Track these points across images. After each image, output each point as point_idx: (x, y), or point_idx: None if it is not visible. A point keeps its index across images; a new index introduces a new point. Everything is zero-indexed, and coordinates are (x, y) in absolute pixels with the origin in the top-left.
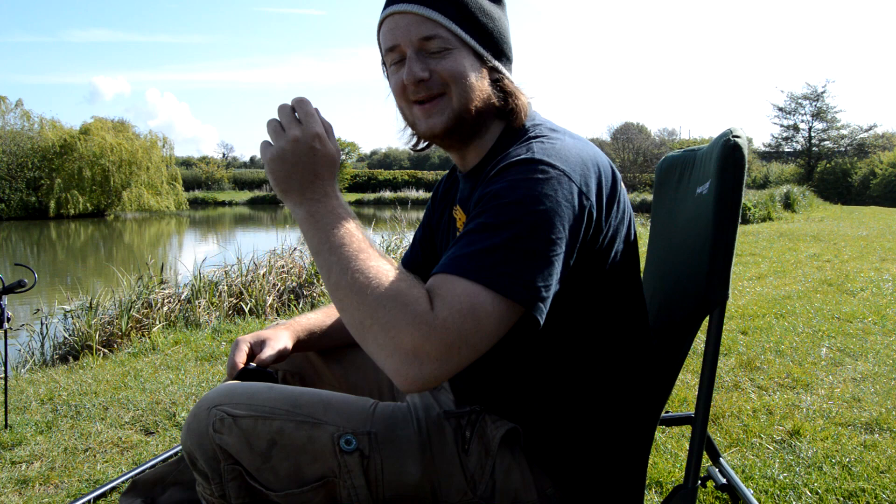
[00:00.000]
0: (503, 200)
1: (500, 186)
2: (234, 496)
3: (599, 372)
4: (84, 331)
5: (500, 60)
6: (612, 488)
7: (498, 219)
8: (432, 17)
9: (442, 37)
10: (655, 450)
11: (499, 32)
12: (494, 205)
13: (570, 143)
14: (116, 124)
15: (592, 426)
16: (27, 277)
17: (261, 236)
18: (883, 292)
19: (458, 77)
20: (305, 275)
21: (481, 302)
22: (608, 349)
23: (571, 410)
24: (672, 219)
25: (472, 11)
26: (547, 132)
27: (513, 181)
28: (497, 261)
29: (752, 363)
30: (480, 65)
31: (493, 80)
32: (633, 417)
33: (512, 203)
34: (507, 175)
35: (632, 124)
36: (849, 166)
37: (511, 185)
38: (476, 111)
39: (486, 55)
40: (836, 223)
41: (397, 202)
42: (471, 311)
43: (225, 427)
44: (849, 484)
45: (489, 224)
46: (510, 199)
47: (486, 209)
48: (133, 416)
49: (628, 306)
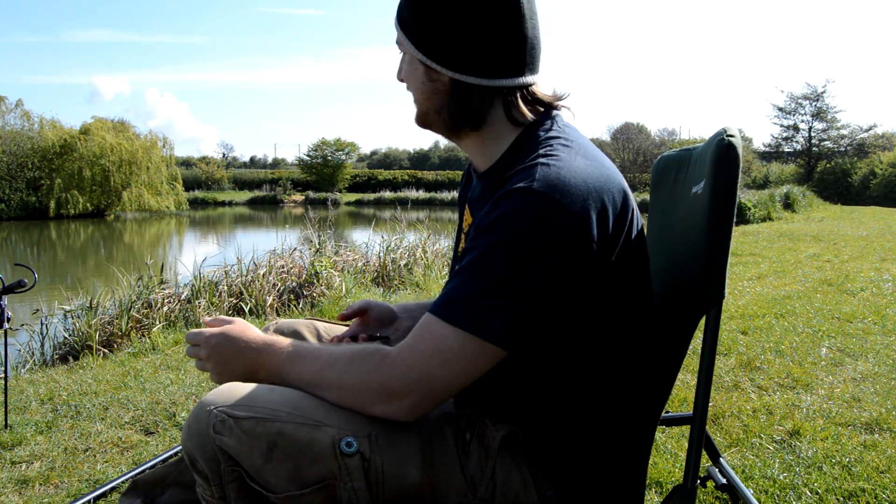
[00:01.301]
0: (492, 239)
1: (495, 219)
2: (233, 498)
3: (599, 373)
4: (84, 331)
5: (450, 67)
6: (613, 489)
7: (484, 259)
8: (395, 25)
9: (400, 42)
10: (655, 450)
11: (450, 39)
12: (483, 243)
13: (580, 166)
14: (116, 124)
15: (592, 428)
16: (27, 277)
17: (261, 236)
18: (883, 292)
19: (407, 80)
20: (305, 275)
21: (448, 342)
22: (608, 350)
23: (571, 412)
24: (668, 218)
25: (415, 20)
26: (559, 150)
27: (508, 215)
28: (476, 303)
29: (752, 363)
30: (426, 69)
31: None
32: (632, 418)
33: (500, 242)
34: (504, 206)
35: (632, 124)
36: (849, 166)
37: (505, 221)
38: (434, 111)
39: (425, 61)
40: (836, 223)
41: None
42: (435, 351)
43: (225, 428)
44: (849, 484)
45: (475, 264)
46: (500, 237)
47: (476, 246)
48: (133, 416)
49: (631, 307)
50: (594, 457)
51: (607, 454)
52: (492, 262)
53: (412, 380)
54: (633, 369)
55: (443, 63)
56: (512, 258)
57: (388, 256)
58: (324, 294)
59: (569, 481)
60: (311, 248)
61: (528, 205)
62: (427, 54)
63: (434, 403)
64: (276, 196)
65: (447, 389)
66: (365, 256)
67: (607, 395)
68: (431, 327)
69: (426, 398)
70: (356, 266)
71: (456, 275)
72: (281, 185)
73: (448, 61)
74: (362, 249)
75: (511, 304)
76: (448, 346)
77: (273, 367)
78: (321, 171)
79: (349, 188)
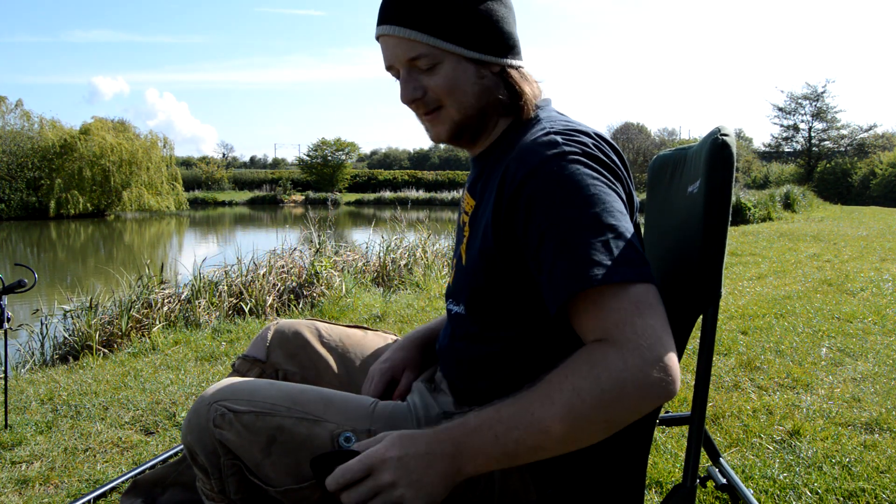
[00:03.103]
0: (566, 204)
1: (550, 195)
2: (233, 491)
3: None
4: (84, 331)
5: (499, 55)
6: (612, 489)
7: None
8: (413, 37)
9: (427, 54)
10: (655, 450)
11: (492, 27)
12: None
13: (584, 127)
14: (116, 124)
15: None
16: (27, 277)
17: (261, 236)
18: (883, 292)
19: (451, 90)
20: (305, 275)
21: (640, 297)
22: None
23: None
24: (664, 218)
25: (453, 18)
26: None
27: (559, 183)
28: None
29: (752, 363)
30: (476, 67)
31: (496, 74)
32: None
33: (577, 202)
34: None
35: (632, 124)
36: (849, 166)
37: (560, 188)
38: (479, 114)
39: (480, 56)
40: (836, 223)
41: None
42: (638, 311)
43: (225, 422)
44: (849, 484)
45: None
46: (572, 200)
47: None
48: (133, 416)
49: None
50: (593, 456)
51: (606, 453)
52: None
53: (646, 345)
54: None
55: (493, 52)
56: (594, 209)
57: (388, 256)
58: (324, 294)
59: (568, 481)
60: (311, 248)
61: (565, 164)
62: (476, 48)
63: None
64: (276, 196)
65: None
66: (365, 256)
67: None
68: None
69: (668, 357)
70: (356, 266)
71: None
72: (281, 185)
73: (497, 48)
74: (362, 249)
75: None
76: (644, 300)
77: (487, 447)
78: (321, 171)
79: (349, 188)
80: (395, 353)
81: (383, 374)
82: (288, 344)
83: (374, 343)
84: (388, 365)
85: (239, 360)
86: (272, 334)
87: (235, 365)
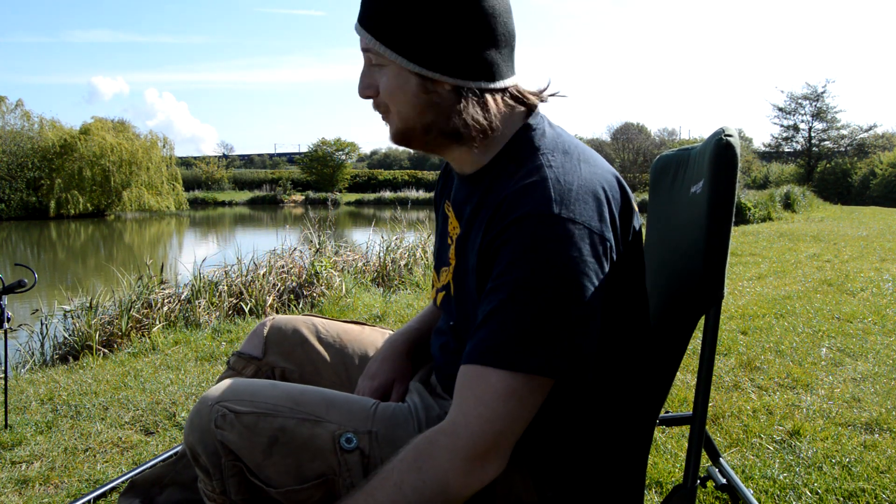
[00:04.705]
0: (524, 273)
1: (518, 253)
2: (234, 492)
3: (598, 373)
4: (84, 331)
5: (452, 74)
6: (612, 489)
7: (523, 298)
8: (361, 34)
9: (374, 51)
10: (655, 450)
11: (446, 44)
12: (515, 278)
13: (585, 173)
14: (116, 124)
15: (591, 427)
16: (27, 277)
17: (261, 236)
18: (883, 292)
19: (391, 96)
20: (305, 275)
21: (518, 387)
22: (607, 350)
23: (569, 412)
24: (667, 218)
25: (399, 27)
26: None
27: (532, 246)
28: (531, 343)
29: (752, 363)
30: (420, 80)
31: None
32: (631, 418)
33: (536, 276)
34: (523, 235)
35: (632, 124)
36: (849, 166)
37: (530, 252)
38: (424, 128)
39: (421, 70)
40: (836, 223)
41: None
42: (501, 399)
43: (227, 423)
44: (849, 484)
45: (515, 302)
46: (531, 270)
47: (507, 284)
48: (133, 416)
49: (629, 308)
50: (593, 457)
51: (606, 454)
52: (527, 296)
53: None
54: (631, 369)
55: (442, 70)
56: (547, 290)
57: (388, 256)
58: (324, 294)
59: (568, 482)
60: (311, 248)
61: (551, 230)
62: (419, 62)
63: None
64: (276, 196)
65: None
66: (365, 256)
67: (605, 394)
68: (476, 378)
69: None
70: (356, 266)
71: (489, 316)
72: (281, 185)
73: (450, 67)
74: (362, 249)
75: (562, 332)
76: (518, 392)
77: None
78: (321, 171)
79: (349, 188)
80: (381, 366)
81: (373, 394)
82: (285, 341)
83: (372, 338)
84: (377, 383)
85: (234, 358)
86: (268, 330)
87: (231, 362)
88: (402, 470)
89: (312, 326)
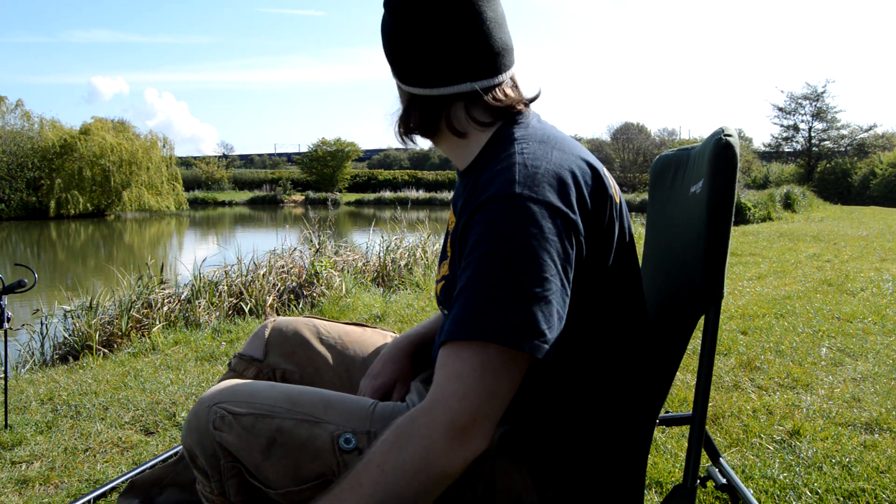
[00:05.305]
0: (488, 249)
1: (482, 232)
2: (233, 493)
3: (597, 372)
4: (84, 331)
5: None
6: (612, 489)
7: (486, 272)
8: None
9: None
10: (655, 450)
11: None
12: (479, 254)
13: (556, 157)
14: (116, 124)
15: (591, 427)
16: (27, 277)
17: (261, 236)
18: (883, 292)
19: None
20: (305, 275)
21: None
22: (606, 349)
23: (569, 412)
24: (666, 218)
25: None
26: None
27: (494, 224)
28: (495, 314)
29: (752, 363)
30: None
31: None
32: (631, 417)
33: (498, 251)
34: (488, 215)
35: (632, 124)
36: (849, 166)
37: (493, 230)
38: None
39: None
40: (836, 223)
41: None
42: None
43: (225, 425)
44: (849, 484)
45: (479, 277)
46: (495, 246)
47: (473, 260)
48: (133, 416)
49: (626, 306)
50: (593, 456)
51: (606, 453)
52: (488, 269)
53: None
54: (631, 368)
55: (399, 78)
56: (508, 264)
57: (388, 256)
58: (324, 294)
59: (568, 481)
60: (311, 248)
61: (513, 209)
62: (392, 71)
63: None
64: (276, 196)
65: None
66: (365, 256)
67: (605, 394)
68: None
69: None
70: (356, 266)
71: (458, 295)
72: (281, 185)
73: (402, 76)
74: (362, 249)
75: (523, 302)
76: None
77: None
78: (321, 171)
79: (349, 188)
80: (384, 366)
81: (374, 393)
82: (286, 342)
83: (373, 340)
84: (379, 382)
85: (235, 360)
86: (269, 332)
87: (232, 364)
88: (384, 451)
89: (314, 328)
